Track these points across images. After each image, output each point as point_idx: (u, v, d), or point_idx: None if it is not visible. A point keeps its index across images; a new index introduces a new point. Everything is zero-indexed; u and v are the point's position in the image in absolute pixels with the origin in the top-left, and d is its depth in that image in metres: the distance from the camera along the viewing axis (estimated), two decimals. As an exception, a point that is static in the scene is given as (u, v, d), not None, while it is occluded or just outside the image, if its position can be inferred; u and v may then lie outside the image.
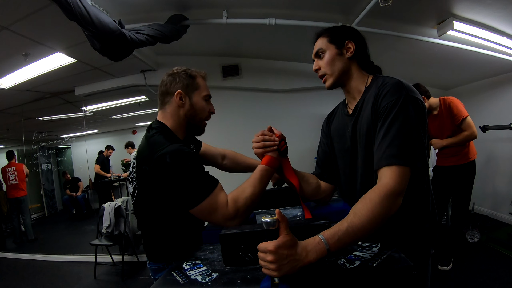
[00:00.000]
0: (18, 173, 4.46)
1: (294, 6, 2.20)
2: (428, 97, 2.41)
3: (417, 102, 0.81)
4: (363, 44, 0.98)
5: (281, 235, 0.63)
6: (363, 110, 0.92)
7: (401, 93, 0.80)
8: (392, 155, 0.74)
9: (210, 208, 0.88)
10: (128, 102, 4.21)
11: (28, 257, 3.90)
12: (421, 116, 0.81)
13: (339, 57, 0.95)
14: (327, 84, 0.97)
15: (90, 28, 1.45)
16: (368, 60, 1.00)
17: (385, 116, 0.80)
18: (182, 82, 1.06)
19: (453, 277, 2.33)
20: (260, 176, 0.94)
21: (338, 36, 0.96)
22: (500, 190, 3.44)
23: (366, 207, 0.69)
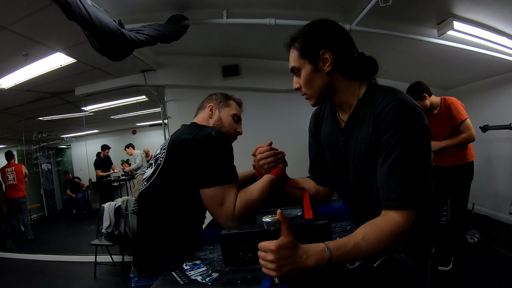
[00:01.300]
0: (16, 173, 4.46)
1: (294, 6, 2.20)
2: (429, 95, 2.40)
3: (423, 129, 0.74)
4: (344, 44, 0.82)
5: (283, 236, 0.63)
6: (356, 128, 0.83)
7: (406, 122, 0.72)
8: (402, 197, 0.71)
9: (221, 198, 0.90)
10: (128, 102, 4.21)
11: (28, 257, 3.89)
12: (427, 145, 0.75)
13: (316, 74, 0.81)
14: (311, 103, 0.88)
15: (90, 28, 1.45)
16: (354, 63, 0.84)
17: (390, 150, 0.73)
18: (216, 100, 1.20)
19: (453, 277, 2.33)
20: (270, 185, 0.99)
21: (310, 47, 0.79)
22: (500, 190, 3.44)
23: (375, 235, 0.68)
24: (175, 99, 3.33)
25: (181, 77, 3.27)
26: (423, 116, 0.75)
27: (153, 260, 0.94)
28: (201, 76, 3.28)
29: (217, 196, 0.91)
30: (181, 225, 0.95)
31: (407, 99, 0.75)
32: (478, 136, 3.22)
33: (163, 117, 3.49)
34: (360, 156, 0.83)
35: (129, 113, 4.89)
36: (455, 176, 2.43)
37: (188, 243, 0.95)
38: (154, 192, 0.97)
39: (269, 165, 1.00)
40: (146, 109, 4.49)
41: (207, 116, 1.16)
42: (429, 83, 2.46)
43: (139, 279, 0.95)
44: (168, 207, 0.94)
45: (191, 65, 3.27)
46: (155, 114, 4.05)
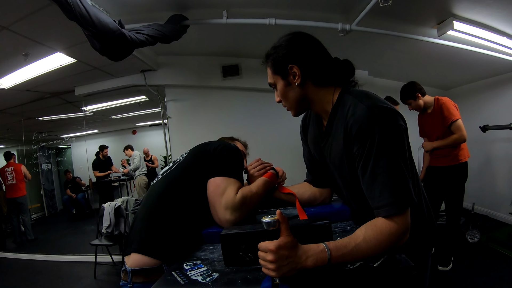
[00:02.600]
0: (16, 173, 4.46)
1: (294, 6, 2.20)
2: (423, 95, 2.42)
3: (394, 130, 0.72)
4: (313, 55, 0.83)
5: (282, 236, 0.63)
6: (332, 136, 0.85)
7: (374, 131, 0.71)
8: (388, 204, 0.70)
9: (224, 188, 0.97)
10: (128, 102, 4.21)
11: (28, 257, 3.89)
12: (401, 145, 0.73)
13: (289, 88, 0.84)
14: (292, 115, 0.93)
15: (90, 28, 1.45)
16: (325, 71, 0.84)
17: (364, 160, 0.73)
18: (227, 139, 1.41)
19: (453, 277, 2.33)
20: (263, 184, 1.07)
21: (279, 64, 0.83)
22: (500, 190, 3.44)
23: (376, 237, 0.68)
24: (175, 99, 3.33)
25: (181, 77, 3.27)
26: (393, 117, 0.74)
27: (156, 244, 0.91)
28: (201, 76, 3.28)
29: (221, 185, 0.97)
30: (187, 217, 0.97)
31: (374, 105, 0.74)
32: (478, 136, 3.24)
33: (163, 117, 3.49)
34: (336, 162, 0.87)
35: (129, 113, 4.89)
36: (449, 177, 2.44)
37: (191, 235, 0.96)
38: (169, 181, 1.03)
39: (259, 172, 1.14)
40: (146, 109, 4.50)
41: None
42: (429, 83, 2.46)
43: (134, 285, 0.90)
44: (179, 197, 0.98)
45: (191, 65, 3.27)
46: (155, 114, 4.05)
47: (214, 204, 0.97)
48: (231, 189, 0.97)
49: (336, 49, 0.95)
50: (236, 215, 0.94)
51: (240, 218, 0.95)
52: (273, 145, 3.34)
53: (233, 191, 0.97)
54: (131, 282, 0.90)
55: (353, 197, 0.92)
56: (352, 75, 0.89)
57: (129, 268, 0.90)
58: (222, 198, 0.95)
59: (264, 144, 3.31)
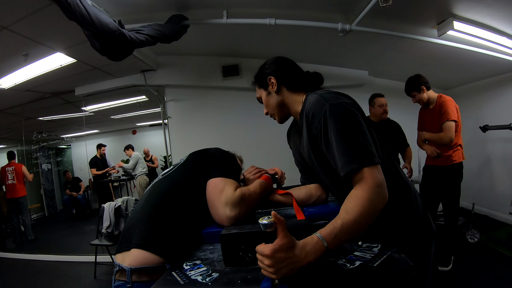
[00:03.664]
0: (16, 173, 4.46)
1: (294, 6, 2.20)
2: (428, 89, 2.43)
3: (342, 105, 0.81)
4: (286, 69, 1.02)
5: (278, 238, 0.62)
6: (302, 133, 0.96)
7: (323, 108, 0.81)
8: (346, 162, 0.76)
9: (222, 187, 1.00)
10: (128, 102, 4.21)
11: (28, 257, 3.89)
12: (351, 115, 0.81)
13: (270, 97, 1.02)
14: (277, 121, 1.07)
15: (90, 28, 1.45)
16: (296, 79, 1.01)
17: (323, 136, 0.82)
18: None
19: (453, 277, 2.33)
20: (260, 185, 1.11)
21: (261, 78, 1.03)
22: (500, 190, 3.44)
23: (355, 202, 0.70)
24: (175, 99, 3.33)
25: (181, 77, 3.27)
26: (339, 97, 0.85)
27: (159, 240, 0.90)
28: (201, 76, 3.28)
29: (220, 184, 1.01)
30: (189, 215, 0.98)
31: (325, 93, 0.87)
32: (478, 136, 3.24)
33: (163, 117, 3.49)
34: (307, 154, 0.97)
35: (129, 113, 4.88)
36: (444, 177, 2.46)
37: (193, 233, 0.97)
38: (170, 181, 1.06)
39: (255, 175, 1.21)
40: (146, 109, 4.49)
41: None
42: (429, 83, 2.47)
43: (133, 285, 0.86)
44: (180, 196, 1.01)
45: (191, 65, 3.27)
46: (155, 114, 4.05)
47: (214, 202, 0.98)
48: (229, 187, 1.00)
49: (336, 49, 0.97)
50: (236, 211, 0.95)
51: (240, 215, 0.96)
52: (273, 145, 3.33)
53: (232, 188, 1.00)
54: (130, 281, 0.85)
55: (334, 184, 0.99)
56: (321, 84, 1.05)
57: (127, 267, 0.86)
58: (222, 195, 0.98)
59: (264, 144, 3.32)
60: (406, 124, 2.89)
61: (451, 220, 2.51)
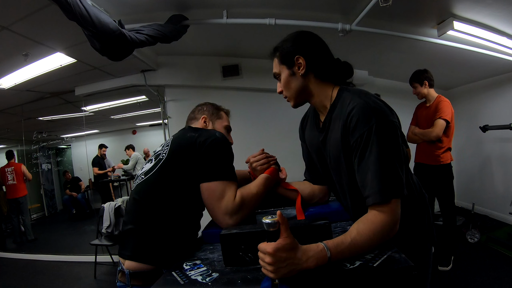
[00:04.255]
0: (16, 173, 4.46)
1: (294, 6, 2.20)
2: (431, 86, 2.47)
3: (390, 126, 0.77)
4: (318, 51, 0.90)
5: (281, 237, 0.62)
6: (330, 131, 0.89)
7: (371, 121, 0.76)
8: (377, 192, 0.74)
9: (221, 192, 0.93)
10: (128, 102, 4.21)
11: (28, 257, 3.89)
12: (395, 139, 0.77)
13: (292, 78, 0.90)
14: (291, 105, 0.97)
15: (90, 28, 1.45)
16: (327, 67, 0.91)
17: (361, 150, 0.77)
18: (208, 111, 1.25)
19: (453, 277, 2.33)
20: (264, 182, 1.04)
21: (287, 54, 0.90)
22: (500, 190, 3.44)
23: (369, 228, 0.71)
24: (175, 99, 3.33)
25: (181, 77, 3.27)
26: (387, 114, 0.79)
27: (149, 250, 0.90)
28: (201, 76, 3.28)
29: (218, 190, 0.93)
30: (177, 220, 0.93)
31: (371, 101, 0.80)
32: (478, 136, 3.24)
33: (163, 117, 3.49)
34: (333, 157, 0.90)
35: (129, 113, 4.88)
36: (435, 177, 2.49)
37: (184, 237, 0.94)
38: (151, 186, 0.95)
39: (262, 166, 1.10)
40: (146, 109, 4.49)
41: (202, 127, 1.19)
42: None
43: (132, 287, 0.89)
44: (165, 201, 0.92)
45: (191, 65, 3.27)
46: (155, 114, 4.05)
47: (213, 210, 0.95)
48: (229, 193, 0.93)
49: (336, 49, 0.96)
50: (236, 218, 0.93)
51: (241, 220, 0.94)
52: (273, 145, 3.32)
53: (231, 195, 0.93)
54: (130, 284, 0.89)
55: (349, 192, 0.92)
56: (350, 76, 0.96)
57: (127, 270, 0.90)
58: (221, 203, 0.92)
59: (264, 144, 3.31)
60: (405, 124, 2.90)
61: (449, 220, 2.52)
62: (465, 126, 3.66)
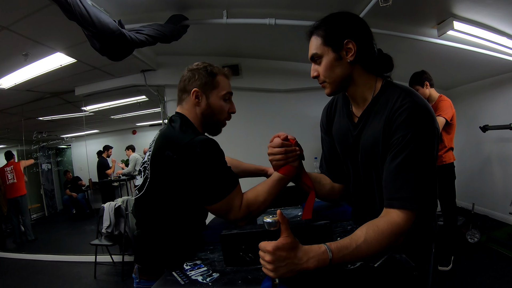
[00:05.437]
0: (16, 172, 4.46)
1: (294, 6, 2.19)
2: (431, 86, 2.47)
3: (434, 132, 0.75)
4: (367, 38, 0.83)
5: (282, 237, 0.62)
6: (369, 124, 0.85)
7: (419, 124, 0.73)
8: (406, 198, 0.72)
9: (226, 208, 0.89)
10: (128, 102, 4.20)
11: (28, 257, 3.90)
12: (435, 149, 0.76)
13: (338, 62, 0.81)
14: (327, 91, 0.87)
15: (90, 28, 1.45)
16: (374, 58, 0.84)
17: (400, 149, 0.74)
18: (200, 80, 1.03)
19: (453, 277, 2.33)
20: (278, 184, 0.94)
21: (335, 35, 0.81)
22: (500, 190, 3.44)
23: (376, 238, 0.69)
24: (175, 99, 3.29)
25: (181, 77, 3.27)
26: (435, 120, 0.76)
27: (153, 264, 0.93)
28: (201, 76, 3.27)
29: (222, 208, 0.89)
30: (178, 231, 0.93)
31: (422, 102, 0.77)
32: (478, 136, 3.24)
33: (163, 117, 3.49)
34: (368, 151, 0.85)
35: (129, 113, 4.88)
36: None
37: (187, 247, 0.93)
38: (147, 201, 0.94)
39: (278, 162, 0.93)
40: (146, 109, 4.49)
41: (193, 104, 1.01)
42: (432, 81, 2.49)
43: (140, 281, 0.94)
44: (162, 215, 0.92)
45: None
46: (155, 114, 4.05)
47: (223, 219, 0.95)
48: (234, 204, 0.89)
49: None
50: (248, 219, 0.93)
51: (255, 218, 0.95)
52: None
53: (237, 205, 0.89)
54: (138, 277, 0.94)
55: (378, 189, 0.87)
56: (391, 70, 0.89)
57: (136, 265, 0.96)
58: (230, 216, 0.90)
59: (264, 144, 3.31)
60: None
61: (450, 220, 2.53)
62: (465, 126, 3.66)
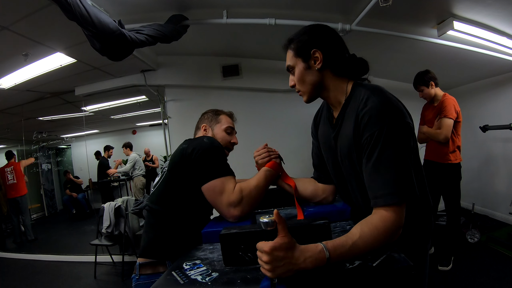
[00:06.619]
0: (16, 172, 4.46)
1: (294, 6, 2.20)
2: (436, 85, 2.46)
3: (404, 128, 0.76)
4: (334, 45, 0.88)
5: (279, 237, 0.62)
6: (343, 126, 0.88)
7: (384, 121, 0.74)
8: (388, 194, 0.72)
9: (220, 188, 0.99)
10: (128, 102, 4.21)
11: (28, 257, 3.90)
12: (407, 141, 0.76)
13: (308, 71, 0.88)
14: (304, 99, 0.94)
15: (90, 28, 1.45)
16: (344, 63, 0.89)
17: (371, 149, 0.75)
18: (208, 118, 1.34)
19: (453, 277, 2.33)
20: (265, 175, 1.08)
21: (303, 47, 0.87)
22: (500, 190, 3.44)
23: (371, 234, 0.69)
24: (175, 99, 3.33)
25: (181, 77, 3.27)
26: (403, 115, 0.77)
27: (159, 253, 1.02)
28: (201, 76, 3.28)
29: (217, 186, 1.00)
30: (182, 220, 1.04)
31: (387, 99, 0.78)
32: (478, 136, 3.24)
33: (163, 117, 3.49)
34: (344, 152, 0.88)
35: (129, 113, 4.88)
36: (443, 175, 2.47)
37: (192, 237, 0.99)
38: (158, 195, 1.08)
39: (263, 160, 1.13)
40: (146, 109, 4.49)
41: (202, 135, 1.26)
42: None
43: (140, 277, 1.00)
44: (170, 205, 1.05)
45: (191, 65, 3.27)
46: (155, 114, 4.05)
47: (217, 205, 1.02)
48: (228, 186, 1.00)
49: None
50: (241, 209, 0.99)
51: (247, 211, 1.00)
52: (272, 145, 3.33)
53: (231, 187, 1.00)
54: (138, 274, 1.01)
55: (359, 191, 0.90)
56: (366, 73, 0.93)
57: (138, 262, 1.03)
58: (223, 197, 0.99)
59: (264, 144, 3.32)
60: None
61: (453, 220, 2.52)
62: (465, 126, 3.62)
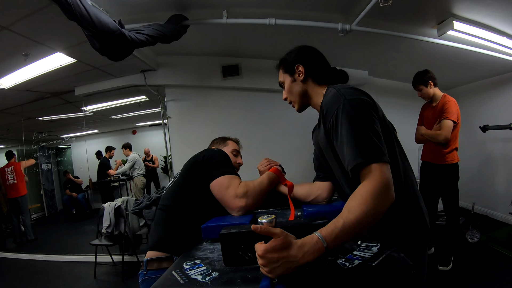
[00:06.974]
0: (16, 172, 4.46)
1: (294, 6, 2.20)
2: (435, 85, 2.46)
3: (357, 101, 0.82)
4: (315, 60, 1.03)
5: (272, 239, 0.63)
6: (321, 125, 0.97)
7: (338, 103, 0.82)
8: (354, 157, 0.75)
9: (227, 183, 1.09)
10: (128, 102, 4.21)
11: (28, 257, 3.90)
12: (366, 113, 0.81)
13: (294, 84, 1.03)
14: (296, 109, 1.08)
15: (90, 28, 1.45)
16: (323, 73, 1.03)
17: (334, 131, 0.83)
18: (217, 144, 1.51)
19: (453, 277, 2.33)
20: (267, 176, 1.19)
21: (289, 64, 1.03)
22: (500, 190, 3.44)
23: (358, 201, 0.69)
24: (175, 99, 3.33)
25: (181, 77, 3.27)
26: (356, 92, 0.85)
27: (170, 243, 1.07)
28: (201, 76, 3.28)
29: (224, 182, 1.09)
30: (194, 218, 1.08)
31: (342, 87, 0.87)
32: (478, 136, 3.24)
33: (163, 117, 3.49)
34: (325, 149, 0.98)
35: (129, 113, 4.88)
36: (440, 176, 2.48)
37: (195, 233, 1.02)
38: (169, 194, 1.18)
39: (265, 168, 1.28)
40: (146, 109, 4.49)
41: None
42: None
43: (148, 272, 1.04)
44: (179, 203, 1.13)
45: (191, 65, 3.27)
46: (155, 114, 4.05)
47: (223, 198, 1.09)
48: (234, 182, 1.09)
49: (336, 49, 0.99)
50: (245, 200, 1.06)
51: (250, 204, 1.07)
52: (272, 145, 3.34)
53: (236, 183, 1.09)
54: (146, 269, 1.05)
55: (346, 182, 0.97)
56: (346, 81, 1.08)
57: (145, 259, 1.07)
58: (229, 190, 1.07)
59: (264, 144, 3.32)
60: (405, 124, 2.90)
61: (452, 220, 2.52)
62: (465, 126, 3.63)
